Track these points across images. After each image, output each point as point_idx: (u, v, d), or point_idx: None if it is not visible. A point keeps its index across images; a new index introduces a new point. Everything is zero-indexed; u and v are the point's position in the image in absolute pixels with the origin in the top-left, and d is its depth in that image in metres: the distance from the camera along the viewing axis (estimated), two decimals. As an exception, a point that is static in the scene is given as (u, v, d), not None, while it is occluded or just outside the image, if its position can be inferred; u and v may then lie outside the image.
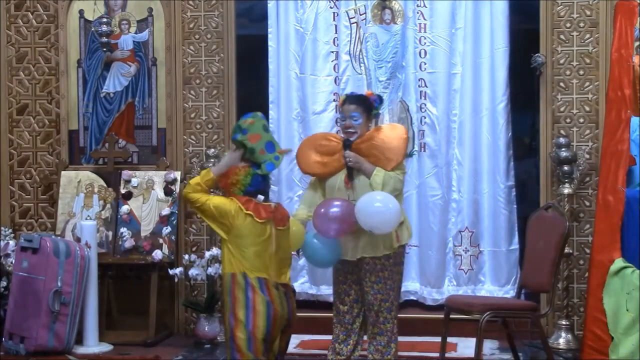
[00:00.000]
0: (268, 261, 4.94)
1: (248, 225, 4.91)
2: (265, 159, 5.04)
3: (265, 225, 4.94)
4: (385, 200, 5.25)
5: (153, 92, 7.24)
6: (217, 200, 4.99)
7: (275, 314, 4.90)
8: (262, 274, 4.91)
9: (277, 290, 4.94)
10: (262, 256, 4.93)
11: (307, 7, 7.15)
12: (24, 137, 7.39)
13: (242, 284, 4.89)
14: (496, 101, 6.97)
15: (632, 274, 5.60)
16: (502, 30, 6.95)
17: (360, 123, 5.43)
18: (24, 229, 7.35)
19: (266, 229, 4.95)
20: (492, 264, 7.03)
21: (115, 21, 7.29)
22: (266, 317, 4.88)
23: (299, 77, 7.16)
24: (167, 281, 6.94)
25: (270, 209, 5.00)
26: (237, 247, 4.92)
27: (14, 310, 6.56)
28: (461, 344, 6.50)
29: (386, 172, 5.34)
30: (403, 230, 5.46)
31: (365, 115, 5.46)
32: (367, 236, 5.34)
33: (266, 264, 4.93)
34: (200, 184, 4.99)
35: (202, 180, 5.00)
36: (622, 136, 5.86)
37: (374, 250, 5.38)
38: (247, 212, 4.91)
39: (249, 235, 4.91)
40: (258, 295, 4.87)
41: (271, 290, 4.91)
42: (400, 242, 5.44)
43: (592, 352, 5.71)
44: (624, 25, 5.99)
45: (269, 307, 4.88)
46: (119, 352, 6.60)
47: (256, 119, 5.10)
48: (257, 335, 4.86)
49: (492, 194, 6.99)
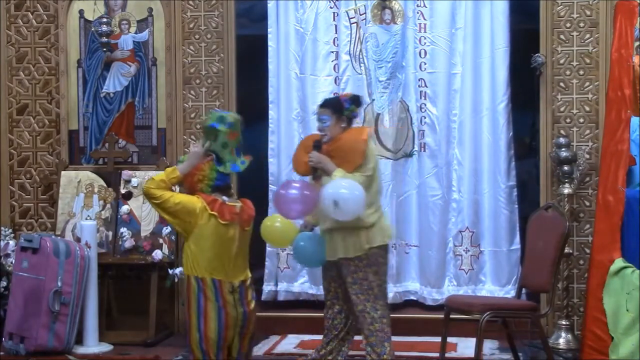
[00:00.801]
0: (227, 262, 4.88)
1: (211, 226, 4.83)
2: (232, 159, 4.95)
3: (229, 227, 4.87)
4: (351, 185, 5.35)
5: (153, 92, 7.24)
6: (182, 197, 4.89)
7: (227, 319, 4.86)
8: (219, 275, 4.85)
9: (232, 293, 4.88)
10: (222, 258, 4.86)
11: (307, 7, 7.15)
12: (24, 137, 7.39)
13: (195, 289, 4.85)
14: (496, 101, 6.97)
15: (632, 274, 5.60)
16: (502, 30, 6.95)
17: (329, 125, 5.57)
18: (24, 229, 7.35)
19: (229, 230, 4.87)
20: (492, 264, 7.03)
21: (115, 21, 7.29)
22: (217, 321, 4.85)
23: (299, 77, 7.16)
24: (167, 281, 6.93)
25: (235, 210, 4.92)
26: (197, 246, 4.84)
27: (14, 310, 6.55)
28: (461, 344, 6.50)
29: (345, 173, 5.44)
30: (375, 232, 5.52)
31: (335, 117, 5.57)
32: (340, 237, 5.46)
33: (224, 266, 4.87)
34: (165, 181, 4.87)
35: (167, 177, 4.88)
36: (622, 136, 5.86)
37: (346, 251, 5.49)
38: (212, 213, 4.83)
39: (210, 236, 4.83)
40: (210, 301, 4.84)
41: (225, 294, 4.86)
42: (372, 244, 5.49)
43: (592, 352, 5.71)
44: (624, 25, 5.99)
45: (220, 312, 4.85)
46: (119, 352, 6.60)
47: (238, 119, 5.03)
48: (210, 335, 4.85)
49: (493, 194, 6.99)
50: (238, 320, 4.92)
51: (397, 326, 6.87)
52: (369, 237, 5.49)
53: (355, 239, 5.47)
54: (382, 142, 7.12)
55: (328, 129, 5.57)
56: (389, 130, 7.11)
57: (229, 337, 4.92)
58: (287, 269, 7.22)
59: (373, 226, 5.51)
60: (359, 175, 5.47)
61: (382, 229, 5.59)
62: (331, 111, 5.57)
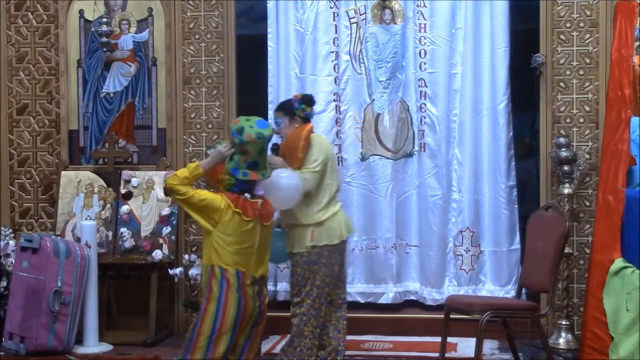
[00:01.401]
0: (249, 256, 5.11)
1: (235, 223, 5.05)
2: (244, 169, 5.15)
3: (251, 222, 5.09)
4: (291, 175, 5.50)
5: (153, 92, 7.24)
6: (207, 194, 5.09)
7: (246, 310, 5.08)
8: (241, 267, 5.08)
9: (253, 285, 5.12)
10: (245, 252, 5.09)
11: (307, 7, 7.14)
12: (24, 137, 7.39)
13: (219, 277, 5.05)
14: (496, 101, 6.97)
15: (632, 274, 5.60)
16: (502, 30, 6.95)
17: (282, 127, 5.74)
18: (24, 229, 7.35)
19: (251, 226, 5.10)
20: (493, 264, 7.03)
21: (115, 21, 7.29)
22: (236, 311, 5.05)
23: (298, 77, 7.16)
24: (167, 281, 6.93)
25: (257, 206, 5.15)
26: (221, 241, 5.05)
27: (14, 310, 6.55)
28: (461, 344, 6.50)
29: (291, 172, 5.56)
30: (321, 231, 5.61)
31: (287, 119, 5.73)
32: (289, 233, 5.65)
33: (247, 259, 5.10)
34: (188, 177, 5.07)
35: (190, 173, 5.08)
36: (622, 136, 5.86)
37: (291, 246, 5.66)
38: (235, 210, 5.04)
39: (234, 232, 5.05)
40: (231, 291, 5.04)
41: (246, 286, 5.08)
42: (316, 243, 5.59)
43: (592, 352, 5.71)
44: (624, 25, 5.99)
45: (240, 302, 5.06)
46: (119, 352, 6.60)
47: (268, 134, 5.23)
48: (222, 330, 5.03)
49: (493, 194, 6.99)
50: (254, 313, 5.13)
51: (397, 326, 6.94)
52: (313, 236, 5.60)
53: (301, 236, 5.62)
54: (382, 142, 7.12)
55: (283, 130, 5.74)
56: (389, 130, 7.11)
57: (243, 328, 5.10)
58: (286, 268, 7.20)
59: (321, 225, 5.62)
60: (307, 172, 5.58)
61: (332, 228, 5.65)
62: (283, 113, 5.76)
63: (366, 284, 7.16)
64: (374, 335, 6.88)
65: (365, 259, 7.14)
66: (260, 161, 5.18)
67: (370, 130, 7.14)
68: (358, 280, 7.16)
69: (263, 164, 5.21)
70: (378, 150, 7.13)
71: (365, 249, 7.13)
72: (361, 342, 6.74)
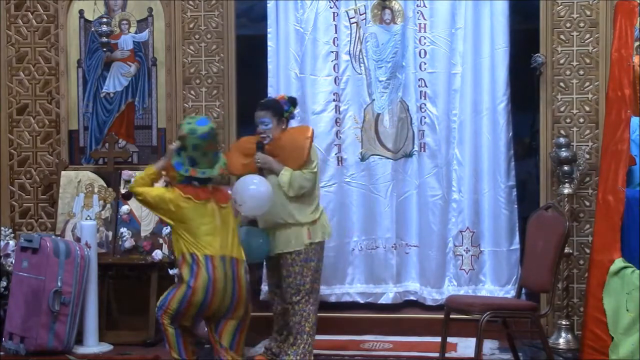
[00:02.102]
0: (213, 238, 5.39)
1: (191, 208, 5.39)
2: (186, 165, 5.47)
3: (206, 204, 5.43)
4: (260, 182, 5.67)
5: (153, 92, 7.24)
6: (158, 190, 5.52)
7: (215, 290, 5.33)
8: (209, 250, 5.37)
9: (224, 266, 5.37)
10: (213, 233, 5.40)
11: (307, 7, 7.14)
12: (24, 137, 7.39)
13: (190, 261, 5.37)
14: (496, 101, 6.97)
15: (632, 274, 5.60)
16: (502, 30, 6.95)
17: (270, 127, 5.88)
18: (24, 229, 7.35)
19: (208, 207, 5.43)
20: (492, 264, 7.02)
21: (115, 21, 7.29)
22: (204, 293, 5.32)
23: (298, 77, 7.16)
24: (167, 281, 6.92)
25: (208, 189, 5.47)
26: (187, 230, 5.40)
27: (14, 310, 6.56)
28: (461, 344, 6.50)
29: (293, 172, 5.76)
30: (316, 228, 5.87)
31: (275, 119, 5.89)
32: (282, 233, 5.77)
33: (212, 242, 5.38)
34: (144, 178, 5.54)
35: (145, 174, 5.56)
36: (622, 136, 5.86)
37: (286, 245, 5.83)
38: (186, 196, 5.39)
39: (194, 217, 5.39)
40: (201, 271, 5.32)
41: (216, 267, 5.35)
42: (313, 240, 5.83)
43: (592, 352, 5.71)
44: (624, 25, 5.99)
45: (209, 282, 5.32)
46: (119, 352, 6.60)
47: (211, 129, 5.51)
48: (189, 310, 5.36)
49: (493, 194, 6.98)
50: (227, 295, 5.36)
51: (397, 326, 6.94)
52: (310, 233, 5.81)
53: (297, 234, 5.78)
54: (382, 142, 7.12)
55: (270, 131, 5.87)
56: (388, 130, 7.11)
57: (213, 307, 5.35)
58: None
59: (315, 223, 5.85)
60: (307, 172, 5.80)
61: (323, 226, 5.94)
62: (272, 114, 5.90)
63: (366, 284, 7.15)
64: (374, 335, 6.87)
65: (365, 259, 7.14)
66: (198, 158, 5.43)
67: (370, 130, 7.14)
68: (358, 280, 7.15)
69: (203, 161, 5.45)
70: (378, 150, 7.13)
71: (365, 249, 7.13)
72: (361, 342, 6.74)
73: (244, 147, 6.05)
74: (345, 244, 7.05)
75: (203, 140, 5.43)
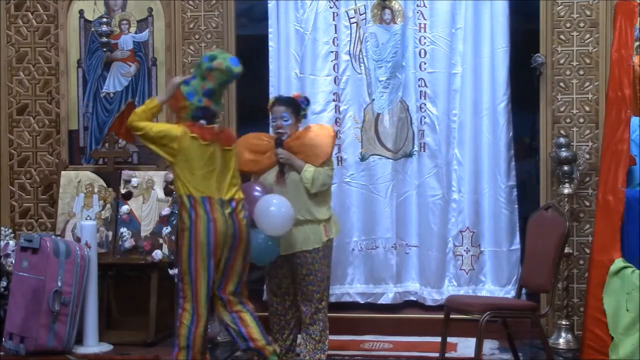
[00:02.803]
0: (215, 181, 5.33)
1: (194, 148, 5.29)
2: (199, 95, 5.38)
3: (209, 146, 5.33)
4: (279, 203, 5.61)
5: (153, 92, 7.23)
6: (163, 126, 5.42)
7: (217, 231, 5.27)
8: (208, 192, 5.29)
9: (222, 207, 5.31)
10: (210, 177, 5.31)
11: (307, 7, 7.14)
12: (24, 137, 7.39)
13: (187, 205, 5.29)
14: (496, 101, 6.97)
15: (632, 274, 5.60)
16: (502, 30, 6.95)
17: (290, 123, 5.84)
18: (24, 229, 7.35)
19: (210, 149, 5.33)
20: (493, 264, 7.02)
21: (115, 21, 7.29)
22: (207, 235, 5.26)
23: (299, 77, 7.16)
24: (167, 281, 6.93)
25: (214, 130, 5.38)
26: (185, 170, 5.29)
27: (13, 310, 6.55)
28: (461, 344, 6.50)
29: (316, 168, 5.72)
30: (331, 225, 5.88)
31: (294, 116, 5.86)
32: (299, 231, 5.72)
33: (211, 184, 5.32)
34: (145, 111, 5.36)
35: (146, 107, 5.38)
36: (622, 136, 5.86)
37: (306, 244, 5.75)
38: (192, 135, 5.28)
39: (195, 157, 5.29)
40: (199, 217, 5.26)
41: (215, 210, 5.29)
42: (329, 236, 5.83)
43: (592, 352, 5.71)
44: (624, 25, 5.99)
45: (209, 224, 5.26)
46: (119, 352, 6.60)
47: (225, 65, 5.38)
48: (198, 263, 5.27)
49: (493, 194, 6.98)
50: (228, 234, 5.30)
51: (397, 326, 6.94)
52: (327, 230, 5.80)
53: (315, 232, 5.75)
54: (382, 142, 7.12)
55: (288, 127, 5.83)
56: (388, 130, 7.11)
57: (218, 249, 5.28)
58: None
59: (329, 220, 5.85)
60: (329, 169, 5.81)
61: (335, 222, 5.96)
62: (291, 110, 5.86)
63: (366, 284, 7.15)
64: (374, 335, 6.88)
65: (365, 259, 7.14)
66: (218, 94, 5.40)
67: (370, 130, 7.14)
68: (358, 280, 7.15)
69: (219, 98, 5.44)
70: (378, 150, 7.13)
71: (365, 249, 7.13)
72: (361, 342, 6.74)
73: (251, 143, 5.95)
74: (345, 244, 7.05)
75: (231, 79, 5.46)
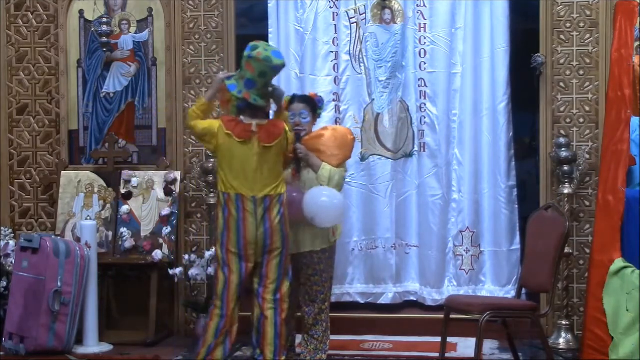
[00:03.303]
0: (249, 177, 5.40)
1: (229, 145, 5.39)
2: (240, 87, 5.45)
3: (246, 143, 5.40)
4: (331, 195, 5.61)
5: (153, 92, 7.24)
6: (206, 122, 5.51)
7: (245, 231, 5.36)
8: (242, 190, 5.38)
9: (255, 209, 5.37)
10: (244, 173, 5.39)
11: (307, 7, 7.14)
12: (24, 137, 7.39)
13: (222, 203, 5.42)
14: (496, 101, 6.97)
15: (632, 274, 5.60)
16: (502, 30, 6.95)
17: (308, 121, 5.89)
18: (24, 229, 7.35)
19: (247, 147, 5.40)
20: (493, 264, 7.02)
21: (115, 21, 7.29)
22: (236, 232, 5.36)
23: (299, 77, 7.16)
24: (167, 281, 6.94)
25: (250, 128, 5.41)
26: (224, 165, 5.42)
27: (14, 310, 6.56)
28: (461, 344, 6.50)
29: (332, 168, 5.73)
30: (337, 225, 5.88)
31: (312, 115, 5.90)
32: (307, 231, 5.72)
33: (247, 181, 5.39)
34: (195, 111, 5.55)
35: (196, 107, 5.58)
36: (622, 136, 5.86)
37: (313, 244, 5.78)
38: (227, 132, 5.39)
39: (230, 154, 5.39)
40: (232, 216, 5.37)
41: (246, 211, 5.37)
42: (335, 237, 5.86)
43: (592, 352, 5.71)
44: (624, 25, 5.99)
45: (239, 223, 5.36)
46: (119, 352, 6.60)
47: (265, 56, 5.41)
48: (230, 249, 5.38)
49: (493, 194, 6.98)
50: (259, 238, 5.36)
51: (397, 326, 6.94)
52: (334, 230, 5.83)
53: (324, 233, 5.76)
54: (382, 142, 7.12)
55: (306, 124, 5.87)
56: (388, 130, 7.11)
57: (249, 250, 5.39)
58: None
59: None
60: (344, 170, 5.85)
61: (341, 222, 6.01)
62: (310, 108, 5.89)
63: (366, 284, 7.15)
64: (374, 335, 6.87)
65: (365, 259, 7.14)
66: (260, 86, 5.41)
67: (370, 130, 7.14)
68: (357, 280, 7.15)
69: (261, 91, 5.43)
70: (378, 150, 7.13)
71: (365, 249, 7.13)
72: (361, 342, 6.74)
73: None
74: (345, 244, 7.04)
75: (272, 72, 5.45)
